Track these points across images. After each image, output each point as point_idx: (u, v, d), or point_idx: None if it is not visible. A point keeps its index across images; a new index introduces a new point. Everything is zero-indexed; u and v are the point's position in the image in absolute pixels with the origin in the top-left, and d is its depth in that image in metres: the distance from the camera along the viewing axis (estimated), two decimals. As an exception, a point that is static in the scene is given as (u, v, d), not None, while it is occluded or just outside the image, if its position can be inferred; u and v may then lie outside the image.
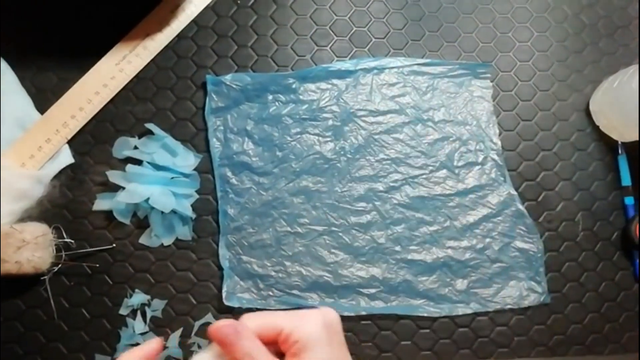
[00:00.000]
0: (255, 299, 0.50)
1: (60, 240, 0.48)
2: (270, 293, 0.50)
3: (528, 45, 0.56)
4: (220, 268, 0.50)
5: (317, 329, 0.35)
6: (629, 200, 0.55)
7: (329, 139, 0.53)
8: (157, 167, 0.50)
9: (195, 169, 0.51)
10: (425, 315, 0.51)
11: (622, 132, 0.54)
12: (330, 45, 0.54)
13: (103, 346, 0.49)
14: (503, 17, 0.57)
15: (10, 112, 0.49)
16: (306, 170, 0.52)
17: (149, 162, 0.50)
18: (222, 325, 0.33)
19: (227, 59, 0.53)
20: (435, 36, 0.56)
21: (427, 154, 0.53)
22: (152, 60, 0.52)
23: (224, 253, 0.50)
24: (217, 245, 0.50)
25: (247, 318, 0.35)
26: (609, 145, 0.56)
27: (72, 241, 0.49)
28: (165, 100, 0.52)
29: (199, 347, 0.49)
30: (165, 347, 0.49)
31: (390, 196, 0.52)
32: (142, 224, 0.50)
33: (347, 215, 0.51)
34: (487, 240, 0.52)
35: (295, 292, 0.50)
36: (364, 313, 0.50)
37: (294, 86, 0.53)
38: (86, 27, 0.52)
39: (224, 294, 0.49)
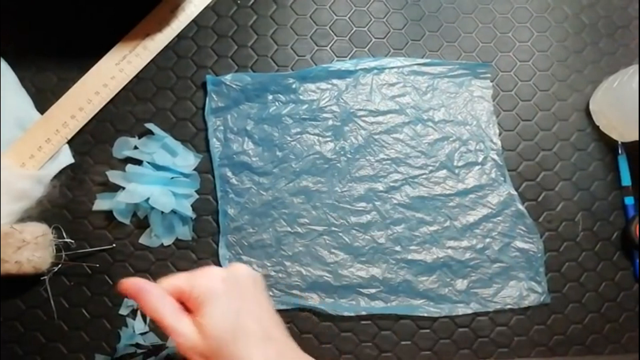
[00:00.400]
0: (255, 299, 0.50)
1: (60, 240, 0.48)
2: (270, 293, 0.50)
3: (528, 45, 0.56)
4: (220, 268, 0.50)
5: (214, 283, 0.37)
6: (629, 200, 0.55)
7: (329, 139, 0.53)
8: (157, 167, 0.50)
9: (195, 169, 0.51)
10: (425, 315, 0.51)
11: (622, 132, 0.54)
12: (330, 45, 0.54)
13: (103, 346, 0.49)
14: (503, 17, 0.57)
15: (10, 112, 0.49)
16: (306, 170, 0.52)
17: (149, 162, 0.50)
18: (128, 283, 0.37)
19: (227, 59, 0.53)
20: (435, 36, 0.56)
21: (427, 154, 0.53)
22: (152, 60, 0.52)
23: (224, 253, 0.50)
24: (217, 245, 0.50)
25: (161, 281, 0.38)
26: (609, 145, 0.56)
27: (72, 241, 0.49)
28: (165, 100, 0.52)
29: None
30: (166, 347, 0.49)
31: (390, 196, 0.52)
32: (142, 224, 0.50)
33: (347, 215, 0.51)
34: (487, 240, 0.52)
35: (295, 292, 0.50)
36: (364, 313, 0.50)
37: (294, 86, 0.53)
38: (86, 27, 0.52)
39: (224, 294, 0.49)
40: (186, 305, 0.37)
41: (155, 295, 0.37)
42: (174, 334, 0.36)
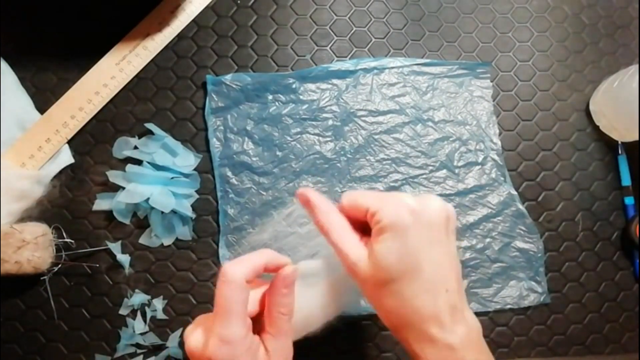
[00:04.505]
0: (255, 299, 0.50)
1: (60, 240, 0.48)
2: (270, 293, 0.50)
3: (528, 45, 0.56)
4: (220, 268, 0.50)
5: (402, 214, 0.34)
6: (629, 200, 0.55)
7: (329, 139, 0.53)
8: (157, 167, 0.50)
9: (195, 169, 0.51)
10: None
11: (622, 132, 0.54)
12: (330, 45, 0.54)
13: (103, 346, 0.49)
14: (503, 17, 0.57)
15: (10, 112, 0.49)
16: (306, 170, 0.52)
17: (149, 162, 0.50)
18: (299, 191, 0.37)
19: (227, 59, 0.53)
20: (435, 36, 0.56)
21: (427, 154, 0.53)
22: (152, 60, 0.52)
23: (224, 253, 0.50)
24: (217, 245, 0.50)
25: (344, 195, 0.37)
26: (609, 145, 0.56)
27: (72, 241, 0.49)
28: (165, 100, 0.52)
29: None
30: (166, 347, 0.49)
31: (390, 196, 0.52)
32: (142, 224, 0.50)
33: (347, 215, 0.51)
34: (487, 240, 0.52)
35: (295, 292, 0.50)
36: (364, 313, 0.50)
37: (294, 86, 0.53)
38: (86, 27, 0.52)
39: (224, 294, 0.49)
40: (362, 224, 0.36)
41: (325, 210, 0.36)
42: (341, 252, 0.35)
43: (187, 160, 0.51)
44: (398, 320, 0.35)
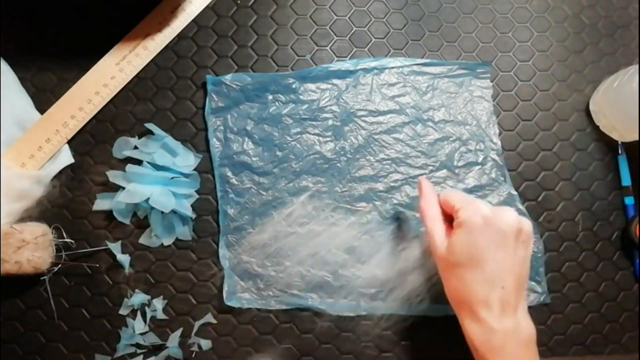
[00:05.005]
0: (256, 298, 0.50)
1: (60, 240, 0.48)
2: (270, 293, 0.50)
3: (528, 45, 0.56)
4: (220, 268, 0.50)
5: (475, 217, 0.42)
6: (629, 200, 0.55)
7: (329, 139, 0.53)
8: (157, 167, 0.50)
9: (195, 169, 0.51)
10: (426, 315, 0.51)
11: (622, 132, 0.54)
12: (330, 45, 0.54)
13: (103, 346, 0.49)
14: (503, 17, 0.57)
15: (10, 112, 0.49)
16: (306, 170, 0.52)
17: (149, 162, 0.50)
18: (419, 179, 0.48)
19: (227, 59, 0.53)
20: (435, 36, 0.56)
21: (427, 154, 0.53)
22: (152, 60, 0.52)
23: (224, 253, 0.50)
24: (217, 245, 0.50)
25: (443, 191, 0.47)
26: (609, 145, 0.56)
27: (72, 241, 0.49)
28: (165, 100, 0.52)
29: (199, 347, 0.49)
30: (166, 347, 0.49)
31: (390, 196, 0.52)
32: (142, 224, 0.50)
33: (347, 215, 0.51)
34: (487, 240, 0.52)
35: (295, 292, 0.50)
36: (364, 313, 0.50)
37: (294, 86, 0.53)
38: (86, 27, 0.52)
39: (224, 294, 0.49)
40: (451, 216, 0.44)
41: (428, 199, 0.46)
42: (431, 234, 0.44)
43: (187, 160, 0.51)
44: (457, 297, 0.43)
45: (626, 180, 0.55)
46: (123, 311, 0.49)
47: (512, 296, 0.41)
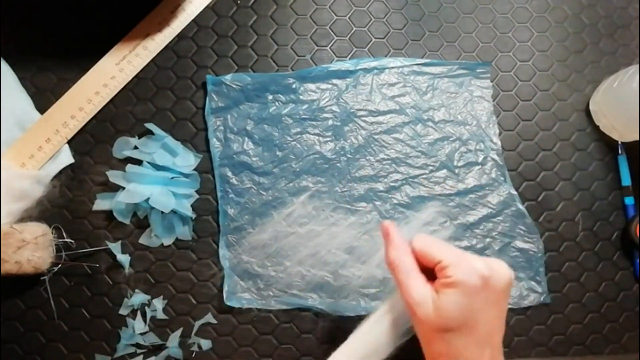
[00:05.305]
0: (256, 298, 0.50)
1: (60, 240, 0.48)
2: (270, 293, 0.50)
3: (528, 45, 0.56)
4: (221, 268, 0.50)
5: (472, 278, 0.37)
6: (629, 200, 0.55)
7: (329, 139, 0.53)
8: (157, 167, 0.50)
9: (195, 169, 0.51)
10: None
11: (622, 132, 0.54)
12: (330, 45, 0.54)
13: (103, 346, 0.49)
14: (503, 17, 0.57)
15: (10, 112, 0.49)
16: (306, 170, 0.52)
17: (149, 162, 0.50)
18: (383, 224, 0.41)
19: (227, 59, 0.53)
20: (435, 36, 0.56)
21: (427, 154, 0.53)
22: (152, 60, 0.52)
23: (224, 253, 0.50)
24: (217, 245, 0.50)
25: (417, 238, 0.40)
26: (609, 145, 0.56)
27: (72, 241, 0.49)
28: (165, 100, 0.52)
29: (199, 347, 0.49)
30: (166, 347, 0.49)
31: (390, 196, 0.52)
32: (142, 224, 0.50)
33: (347, 215, 0.51)
34: (487, 240, 0.52)
35: (295, 292, 0.50)
36: (364, 313, 0.50)
37: (294, 86, 0.53)
38: (86, 27, 0.52)
39: (224, 294, 0.49)
40: (426, 268, 0.39)
41: (400, 249, 0.39)
42: (406, 291, 0.38)
43: (187, 160, 0.51)
44: None
45: (626, 180, 0.55)
46: (123, 311, 0.49)
47: (497, 353, 0.38)
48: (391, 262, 0.39)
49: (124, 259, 0.49)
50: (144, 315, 0.49)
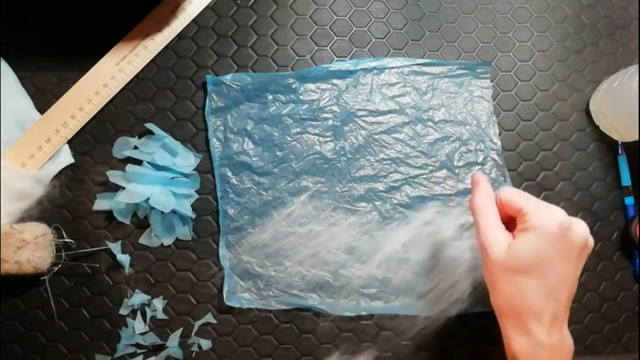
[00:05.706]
0: (256, 299, 0.50)
1: (60, 240, 0.48)
2: (271, 293, 0.50)
3: (528, 45, 0.56)
4: (220, 268, 0.50)
5: (550, 224, 0.39)
6: (629, 200, 0.55)
7: (329, 139, 0.53)
8: (157, 167, 0.50)
9: (195, 169, 0.51)
10: (426, 315, 0.51)
11: (622, 132, 0.54)
12: (330, 45, 0.54)
13: (103, 346, 0.49)
14: (503, 17, 0.57)
15: (10, 112, 0.49)
16: (306, 170, 0.52)
17: (149, 162, 0.50)
18: (475, 175, 0.43)
19: (227, 59, 0.53)
20: (435, 36, 0.56)
21: (427, 154, 0.53)
22: (152, 60, 0.52)
23: (224, 253, 0.50)
24: (217, 245, 0.50)
25: (504, 189, 0.43)
26: (609, 145, 0.56)
27: (72, 241, 0.49)
28: (165, 100, 0.52)
29: (199, 347, 0.49)
30: (166, 347, 0.49)
31: (390, 196, 0.52)
32: (142, 224, 0.50)
33: (347, 215, 0.51)
34: (487, 240, 0.52)
35: (295, 292, 0.50)
36: (364, 313, 0.50)
37: (294, 86, 0.53)
38: (86, 27, 0.52)
39: (224, 294, 0.49)
40: (507, 218, 0.41)
41: (485, 196, 0.42)
42: (484, 233, 0.40)
43: (187, 160, 0.51)
44: (506, 305, 0.40)
45: (626, 180, 0.55)
46: (123, 311, 0.49)
47: (562, 311, 0.40)
48: (475, 207, 0.42)
49: (124, 259, 0.49)
50: (144, 315, 0.49)
